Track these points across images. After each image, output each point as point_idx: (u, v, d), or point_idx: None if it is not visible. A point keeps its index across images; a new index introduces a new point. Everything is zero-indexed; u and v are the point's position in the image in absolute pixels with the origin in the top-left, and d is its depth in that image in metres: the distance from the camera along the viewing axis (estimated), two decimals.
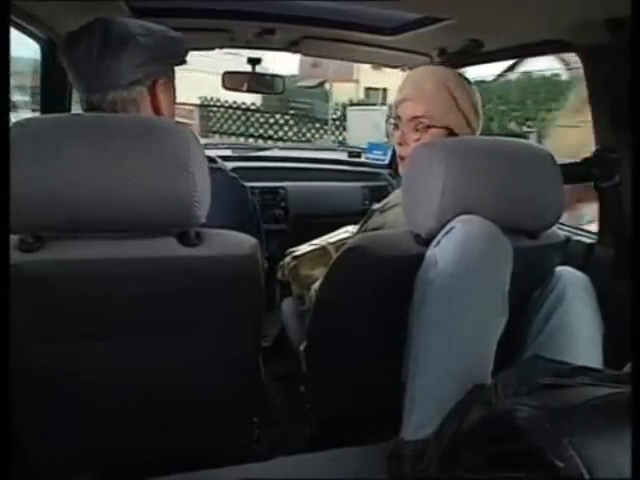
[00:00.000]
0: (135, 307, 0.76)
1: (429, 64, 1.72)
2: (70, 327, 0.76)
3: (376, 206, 1.18)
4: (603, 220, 1.18)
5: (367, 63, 2.05)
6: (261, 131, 8.43)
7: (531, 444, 0.48)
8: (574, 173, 1.11)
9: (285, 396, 1.48)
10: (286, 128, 8.59)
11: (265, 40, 1.62)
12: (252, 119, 8.71)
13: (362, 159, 2.57)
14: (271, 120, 8.73)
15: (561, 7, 0.97)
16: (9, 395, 0.57)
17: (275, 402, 1.49)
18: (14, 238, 0.68)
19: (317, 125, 8.89)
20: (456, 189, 0.79)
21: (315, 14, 1.50)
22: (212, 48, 1.71)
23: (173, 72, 0.94)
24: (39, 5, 1.17)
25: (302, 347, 1.16)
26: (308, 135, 8.69)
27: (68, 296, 0.73)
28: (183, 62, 0.94)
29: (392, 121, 1.14)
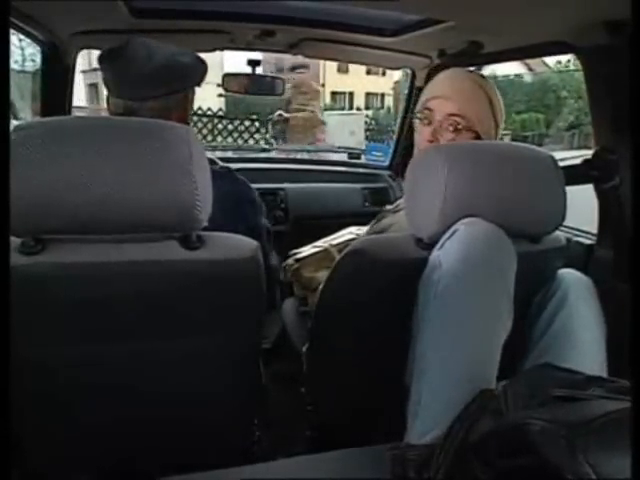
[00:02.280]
0: (136, 310, 0.76)
1: (429, 66, 1.73)
2: (71, 330, 0.76)
3: (388, 207, 1.18)
4: (603, 221, 1.18)
5: (367, 65, 2.07)
6: (230, 140, 7.85)
7: (545, 459, 0.47)
8: (574, 175, 1.11)
9: (286, 397, 1.47)
10: (257, 136, 8.02)
11: (265, 42, 1.63)
12: (219, 126, 8.22)
13: (362, 160, 2.57)
14: (241, 127, 8.15)
15: (561, 9, 0.98)
16: (9, 397, 0.57)
17: (276, 403, 1.49)
18: (16, 241, 0.68)
19: None
20: (459, 193, 0.79)
21: (314, 16, 1.51)
22: (212, 50, 1.71)
23: (194, 93, 1.08)
24: (39, 7, 1.17)
25: (304, 348, 1.16)
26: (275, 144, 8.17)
27: (69, 299, 0.73)
28: (199, 84, 1.07)
29: (420, 116, 1.06)
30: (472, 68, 1.54)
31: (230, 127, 7.90)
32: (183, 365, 0.83)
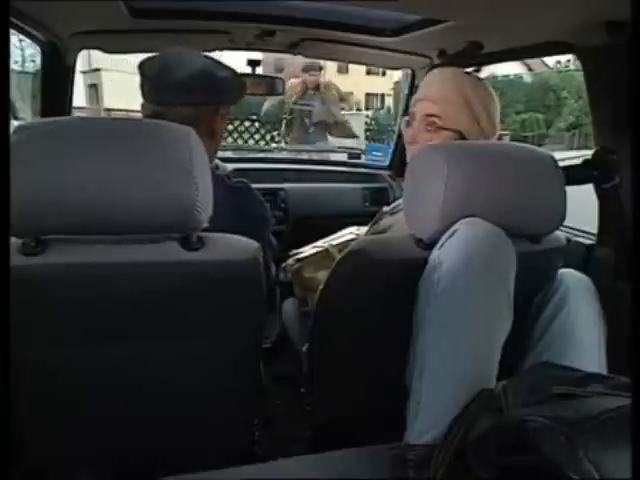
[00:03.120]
0: (137, 310, 0.76)
1: (429, 66, 1.73)
2: (72, 330, 0.76)
3: (386, 208, 1.18)
4: (603, 221, 1.18)
5: (367, 65, 2.07)
6: (230, 140, 7.90)
7: (545, 456, 0.47)
8: (575, 175, 1.11)
9: (285, 397, 1.48)
10: (257, 136, 8.06)
11: (265, 42, 1.63)
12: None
13: (362, 160, 2.57)
14: (241, 128, 8.16)
15: (561, 9, 0.97)
16: (9, 397, 0.57)
17: (275, 403, 1.49)
18: (16, 242, 0.68)
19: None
20: (459, 193, 0.79)
21: (314, 16, 1.51)
22: (212, 50, 1.72)
23: (228, 110, 1.09)
24: (39, 7, 1.17)
25: (304, 349, 1.16)
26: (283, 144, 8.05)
27: (69, 299, 0.73)
28: (234, 102, 1.10)
29: (406, 118, 1.11)
30: (472, 68, 1.55)
31: (230, 127, 7.90)
32: (183, 365, 0.83)
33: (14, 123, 0.75)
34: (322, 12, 1.49)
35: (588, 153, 1.17)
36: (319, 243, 1.47)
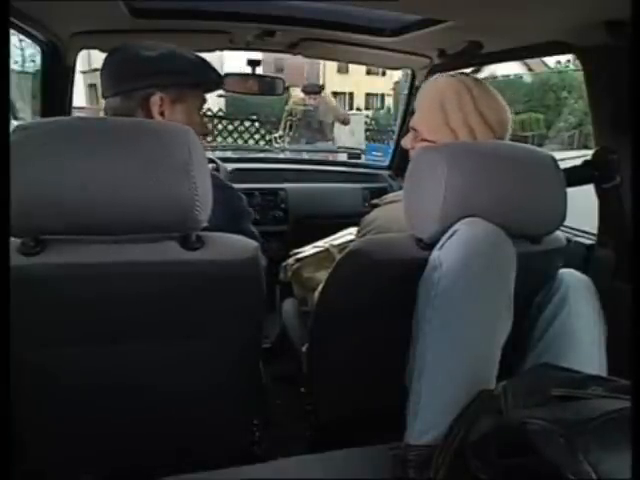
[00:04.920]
0: (136, 310, 0.76)
1: (429, 66, 1.73)
2: (71, 330, 0.76)
3: (374, 201, 1.19)
4: (603, 221, 1.18)
5: (367, 65, 2.07)
6: (230, 140, 7.21)
7: (544, 459, 0.47)
8: (575, 176, 1.11)
9: (285, 397, 1.48)
10: (257, 136, 7.46)
11: (265, 42, 1.63)
12: (219, 126, 7.99)
13: (362, 160, 2.58)
14: (241, 128, 7.51)
15: (561, 9, 0.97)
16: (10, 397, 0.57)
17: (275, 403, 1.49)
18: (15, 241, 0.68)
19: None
20: (459, 193, 0.79)
21: (314, 16, 1.51)
22: (212, 50, 1.72)
23: (190, 93, 0.99)
24: (39, 7, 1.17)
25: (304, 349, 1.16)
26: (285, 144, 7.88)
27: (69, 299, 0.73)
28: (209, 87, 1.03)
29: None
30: (472, 68, 1.55)
31: (230, 127, 7.84)
32: (183, 365, 0.84)
33: (14, 123, 0.75)
34: (322, 12, 1.49)
35: (588, 153, 1.17)
36: (319, 243, 1.48)
